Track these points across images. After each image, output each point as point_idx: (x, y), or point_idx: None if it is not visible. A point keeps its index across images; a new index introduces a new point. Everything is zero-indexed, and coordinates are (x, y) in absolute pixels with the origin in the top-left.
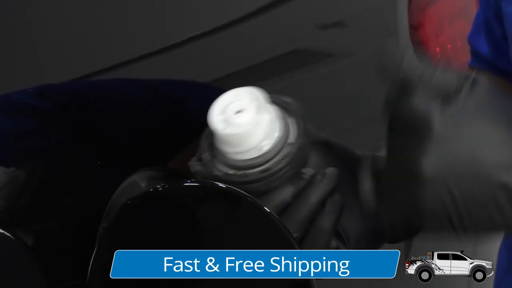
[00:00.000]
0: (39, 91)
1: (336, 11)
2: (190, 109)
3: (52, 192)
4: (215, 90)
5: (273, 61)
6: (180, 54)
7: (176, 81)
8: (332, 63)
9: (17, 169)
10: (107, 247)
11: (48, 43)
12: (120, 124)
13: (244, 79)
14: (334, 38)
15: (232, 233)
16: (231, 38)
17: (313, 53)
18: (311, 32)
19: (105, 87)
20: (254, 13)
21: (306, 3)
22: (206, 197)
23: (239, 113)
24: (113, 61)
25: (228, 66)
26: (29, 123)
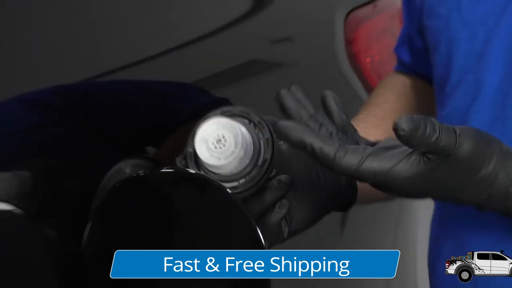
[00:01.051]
0: (54, 90)
1: (285, 29)
2: (174, 104)
3: (56, 178)
4: (195, 88)
5: (232, 70)
6: (149, 68)
7: (163, 81)
8: (280, 71)
9: (22, 169)
10: (97, 222)
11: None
12: (119, 117)
13: (209, 85)
14: (284, 50)
15: (200, 211)
16: (197, 51)
17: (266, 63)
18: (265, 45)
19: (108, 87)
20: (217, 31)
21: (260, 21)
22: (179, 181)
23: (219, 142)
24: (109, 67)
25: (196, 74)
26: (45, 116)
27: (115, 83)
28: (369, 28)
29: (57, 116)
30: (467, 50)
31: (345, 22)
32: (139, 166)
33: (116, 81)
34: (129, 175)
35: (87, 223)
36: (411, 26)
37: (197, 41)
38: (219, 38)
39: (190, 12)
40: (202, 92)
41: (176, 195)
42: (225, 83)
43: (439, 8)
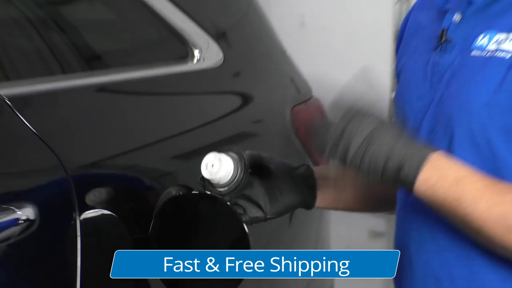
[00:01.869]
0: None
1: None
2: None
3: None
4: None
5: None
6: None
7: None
8: (254, 139)
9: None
10: (157, 220)
11: None
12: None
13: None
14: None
15: (210, 212)
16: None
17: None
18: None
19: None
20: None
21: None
22: (200, 198)
23: (213, 166)
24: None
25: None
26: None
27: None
28: (303, 116)
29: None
30: (412, 125)
31: (291, 112)
32: (179, 189)
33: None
34: (174, 195)
35: (151, 221)
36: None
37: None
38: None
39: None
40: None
41: (199, 205)
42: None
43: (398, 103)
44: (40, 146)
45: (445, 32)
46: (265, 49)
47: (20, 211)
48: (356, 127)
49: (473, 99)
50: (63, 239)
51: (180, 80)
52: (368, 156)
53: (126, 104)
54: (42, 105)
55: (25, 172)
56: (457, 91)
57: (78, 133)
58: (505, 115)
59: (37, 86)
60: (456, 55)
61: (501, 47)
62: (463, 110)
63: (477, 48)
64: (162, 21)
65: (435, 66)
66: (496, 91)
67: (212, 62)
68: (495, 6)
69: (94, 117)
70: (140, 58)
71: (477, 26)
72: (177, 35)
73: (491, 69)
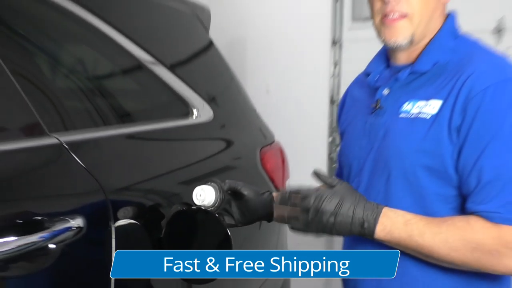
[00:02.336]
0: None
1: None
2: None
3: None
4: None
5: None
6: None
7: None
8: (231, 173)
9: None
10: (167, 228)
11: None
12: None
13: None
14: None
15: (203, 221)
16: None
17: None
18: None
19: None
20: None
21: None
22: (197, 212)
23: (200, 196)
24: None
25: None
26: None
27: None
28: (269, 156)
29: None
30: (355, 169)
31: (260, 152)
32: (183, 206)
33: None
34: (179, 209)
35: (164, 227)
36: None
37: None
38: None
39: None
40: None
41: (196, 217)
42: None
43: (344, 153)
44: (88, 177)
45: (378, 101)
46: (241, 109)
47: (73, 221)
48: (319, 202)
49: (405, 147)
50: (102, 241)
51: (184, 130)
52: (336, 225)
53: (146, 146)
54: (89, 148)
55: (77, 194)
56: (392, 142)
57: (113, 167)
58: (428, 158)
59: (86, 134)
60: (387, 117)
61: (422, 110)
62: (397, 155)
63: (404, 112)
64: (172, 90)
65: (371, 125)
66: (422, 141)
67: (205, 118)
68: (415, 83)
69: (124, 156)
70: (156, 115)
71: (402, 96)
72: (182, 99)
73: (417, 126)
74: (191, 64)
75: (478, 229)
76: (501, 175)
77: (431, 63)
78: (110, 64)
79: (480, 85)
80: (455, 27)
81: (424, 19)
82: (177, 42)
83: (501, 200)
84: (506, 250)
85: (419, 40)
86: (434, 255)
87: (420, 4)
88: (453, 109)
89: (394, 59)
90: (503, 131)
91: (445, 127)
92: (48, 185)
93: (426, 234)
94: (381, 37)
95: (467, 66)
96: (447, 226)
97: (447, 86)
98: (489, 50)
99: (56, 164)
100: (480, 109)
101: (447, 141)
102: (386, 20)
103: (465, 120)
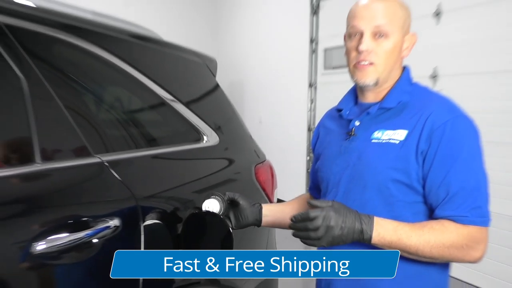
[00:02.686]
0: None
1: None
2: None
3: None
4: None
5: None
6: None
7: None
8: (230, 185)
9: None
10: (184, 227)
11: None
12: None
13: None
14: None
15: (212, 222)
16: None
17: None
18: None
19: None
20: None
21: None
22: (206, 214)
23: (209, 208)
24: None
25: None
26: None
27: None
28: (262, 171)
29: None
30: (332, 182)
31: (254, 168)
32: (196, 209)
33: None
34: (193, 212)
35: (182, 226)
36: (314, 181)
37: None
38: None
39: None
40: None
41: (206, 218)
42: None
43: (321, 170)
44: (123, 187)
45: (353, 129)
46: (240, 135)
47: (111, 221)
48: (322, 222)
49: (379, 165)
50: (133, 237)
51: (196, 152)
52: (339, 237)
53: (167, 164)
54: (124, 165)
55: (114, 201)
56: (367, 161)
57: (142, 180)
58: (398, 173)
59: (121, 155)
60: (360, 142)
61: (391, 137)
62: (372, 171)
63: (375, 138)
64: (187, 121)
65: (346, 148)
66: (394, 160)
67: (213, 142)
68: (382, 116)
69: (150, 171)
70: (175, 140)
71: (372, 126)
72: (195, 128)
73: (388, 149)
74: (202, 101)
75: (452, 230)
76: (465, 188)
77: (396, 101)
78: (140, 102)
79: (440, 120)
80: (410, 76)
81: (387, 68)
82: (191, 84)
83: (467, 206)
84: (473, 244)
85: (382, 83)
86: (419, 253)
87: (384, 57)
88: (419, 138)
89: (363, 98)
90: (463, 155)
91: (413, 150)
92: (93, 194)
93: (412, 237)
94: (354, 78)
95: (426, 106)
96: (428, 230)
97: (411, 120)
98: (439, 94)
99: (99, 178)
100: (442, 138)
101: (414, 161)
102: (359, 65)
103: (431, 146)
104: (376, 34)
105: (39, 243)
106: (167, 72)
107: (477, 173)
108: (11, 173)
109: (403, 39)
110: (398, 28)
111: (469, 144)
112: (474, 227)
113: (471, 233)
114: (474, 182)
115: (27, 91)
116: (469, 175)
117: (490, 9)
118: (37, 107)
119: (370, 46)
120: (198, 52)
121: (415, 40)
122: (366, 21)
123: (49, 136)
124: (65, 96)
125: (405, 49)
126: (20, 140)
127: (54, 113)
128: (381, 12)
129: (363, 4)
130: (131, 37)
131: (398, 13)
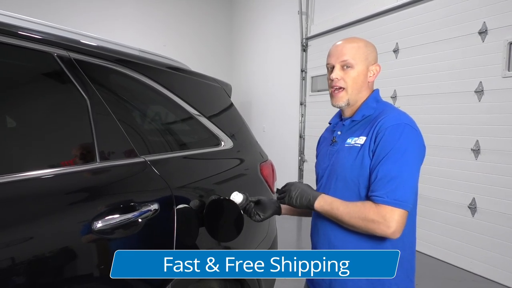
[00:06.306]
0: None
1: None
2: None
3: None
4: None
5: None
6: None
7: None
8: (239, 180)
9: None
10: (207, 210)
11: None
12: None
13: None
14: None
15: (229, 207)
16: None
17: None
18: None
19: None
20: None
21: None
22: (223, 200)
23: (234, 197)
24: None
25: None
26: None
27: None
28: (265, 168)
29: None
30: (320, 175)
31: (259, 166)
32: (215, 196)
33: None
34: (213, 198)
35: (204, 209)
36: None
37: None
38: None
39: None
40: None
41: (223, 203)
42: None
43: (316, 166)
44: (161, 180)
45: (334, 138)
46: (249, 141)
47: (152, 206)
48: (291, 190)
49: (346, 162)
50: (169, 217)
51: (216, 153)
52: (298, 200)
53: (194, 163)
54: (162, 163)
55: (154, 190)
56: (339, 160)
57: (175, 174)
58: (358, 170)
59: (160, 156)
60: (338, 147)
61: (356, 142)
62: (342, 167)
63: (347, 144)
64: (209, 130)
65: (330, 151)
66: (355, 159)
67: (228, 146)
68: (354, 127)
69: (182, 168)
70: (200, 144)
71: (347, 135)
72: (215, 135)
73: (352, 150)
74: (220, 115)
75: (368, 207)
76: (386, 175)
77: (361, 115)
78: (174, 116)
79: (384, 126)
80: (377, 96)
81: (354, 91)
82: (212, 103)
83: (384, 190)
84: (382, 220)
85: (353, 103)
86: (344, 222)
87: (351, 82)
88: (370, 140)
89: (343, 114)
90: (392, 151)
91: (367, 151)
92: (138, 185)
93: (340, 208)
94: (331, 101)
95: (381, 117)
96: (352, 205)
97: (370, 128)
98: (396, 109)
99: (143, 173)
100: (382, 139)
101: (368, 157)
102: (333, 93)
103: (376, 145)
104: (343, 66)
105: (98, 221)
106: (194, 94)
107: (401, 166)
108: (78, 169)
109: (368, 68)
110: (362, 61)
111: (401, 144)
112: (386, 206)
113: (382, 211)
114: (396, 172)
115: (90, 108)
116: (393, 167)
117: (433, 48)
118: (97, 120)
119: (339, 75)
120: (217, 79)
121: (379, 69)
122: (335, 57)
123: (106, 142)
124: (118, 112)
125: (371, 76)
126: (85, 145)
127: (110, 125)
128: (347, 50)
129: (335, 45)
130: (168, 68)
131: (361, 50)
